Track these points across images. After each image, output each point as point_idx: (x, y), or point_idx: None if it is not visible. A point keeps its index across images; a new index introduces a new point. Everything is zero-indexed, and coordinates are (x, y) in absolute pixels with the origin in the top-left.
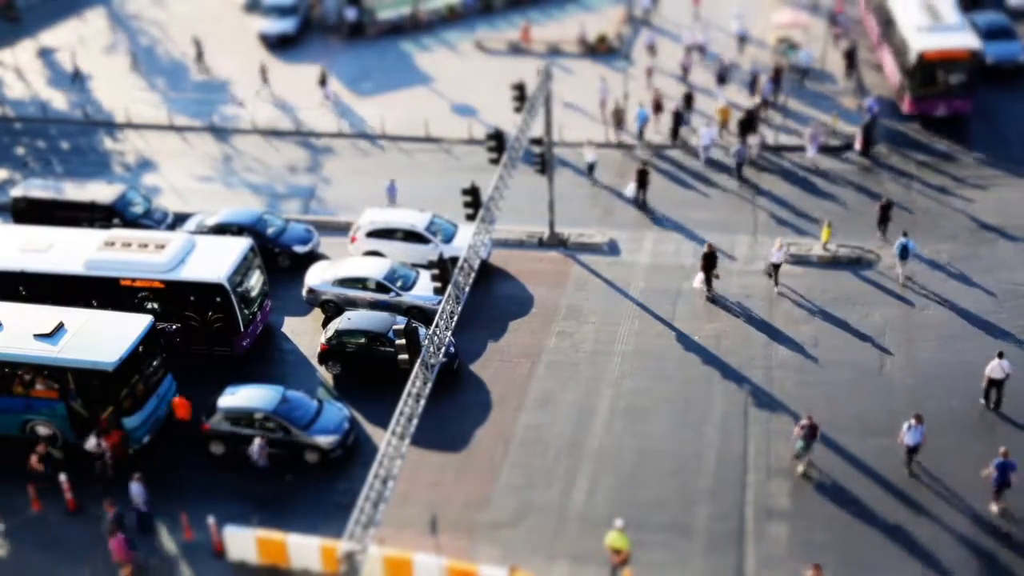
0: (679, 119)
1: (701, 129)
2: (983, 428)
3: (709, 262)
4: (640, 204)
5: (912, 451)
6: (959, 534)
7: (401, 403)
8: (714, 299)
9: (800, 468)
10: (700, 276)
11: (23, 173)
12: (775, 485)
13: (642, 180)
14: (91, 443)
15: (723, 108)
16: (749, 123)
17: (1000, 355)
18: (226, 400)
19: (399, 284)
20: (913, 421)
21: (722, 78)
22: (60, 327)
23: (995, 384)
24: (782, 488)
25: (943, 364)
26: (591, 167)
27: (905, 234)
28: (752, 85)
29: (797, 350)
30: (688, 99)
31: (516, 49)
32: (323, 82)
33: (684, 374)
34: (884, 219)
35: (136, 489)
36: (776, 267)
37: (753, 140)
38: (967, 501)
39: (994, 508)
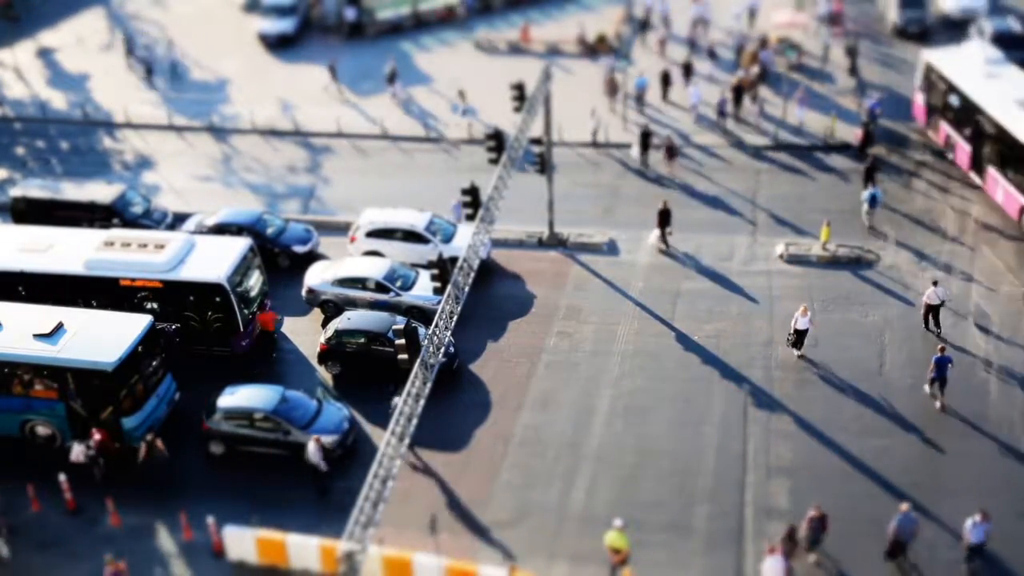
0: (667, 79)
1: (690, 88)
2: (982, 428)
3: (664, 219)
4: (644, 164)
5: (976, 550)
6: (958, 535)
7: (401, 403)
8: (668, 252)
9: (812, 558)
10: (656, 232)
11: (23, 173)
12: (775, 485)
13: (645, 143)
14: (76, 451)
15: (740, 78)
16: (741, 90)
17: (935, 283)
18: (226, 400)
19: (399, 284)
20: (978, 518)
21: (712, 54)
22: (60, 327)
23: (932, 309)
24: (781, 488)
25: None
26: (594, 134)
27: (873, 183)
28: (738, 53)
29: (797, 350)
30: (687, 67)
31: (516, 49)
32: (392, 79)
33: (684, 374)
34: (869, 179)
35: (313, 449)
36: (801, 334)
37: (754, 107)
38: (968, 501)
39: (926, 389)
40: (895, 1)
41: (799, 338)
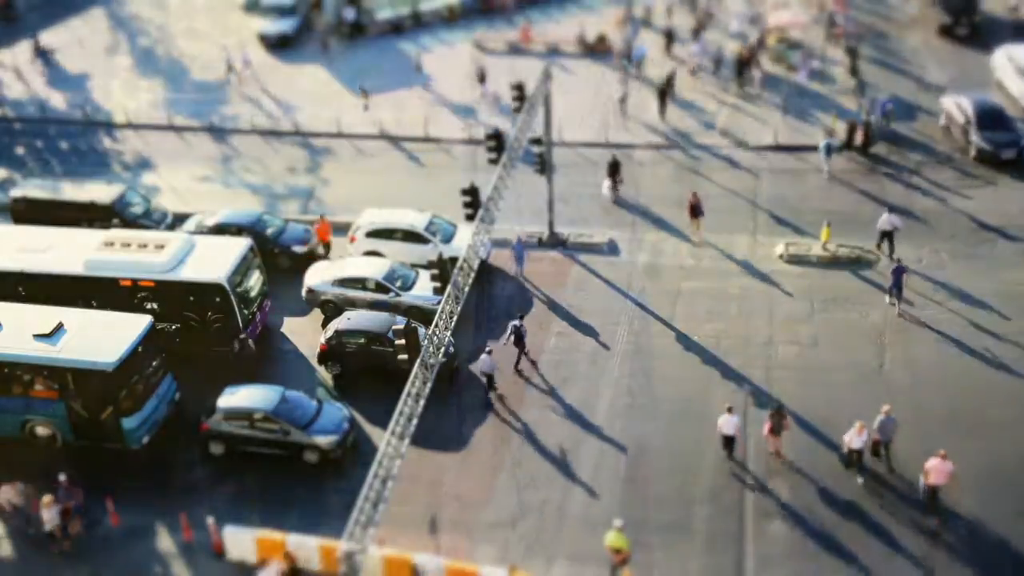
0: (671, 37)
1: (692, 46)
2: (982, 428)
3: (614, 169)
4: (662, 116)
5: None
6: (958, 533)
7: (401, 403)
8: (618, 202)
9: None
10: (607, 183)
11: (23, 173)
12: (775, 485)
13: (662, 97)
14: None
15: (741, 50)
16: (743, 62)
17: (890, 209)
18: (226, 400)
19: (398, 284)
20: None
21: (703, 26)
22: (60, 327)
23: (887, 235)
24: (781, 488)
25: (943, 364)
26: (622, 100)
27: (829, 135)
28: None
29: (797, 350)
30: (696, 31)
31: (516, 49)
32: (482, 80)
33: (684, 374)
34: (852, 136)
35: (486, 359)
36: (858, 454)
37: (756, 73)
38: (967, 501)
39: (887, 300)
40: (973, 121)
41: (851, 458)
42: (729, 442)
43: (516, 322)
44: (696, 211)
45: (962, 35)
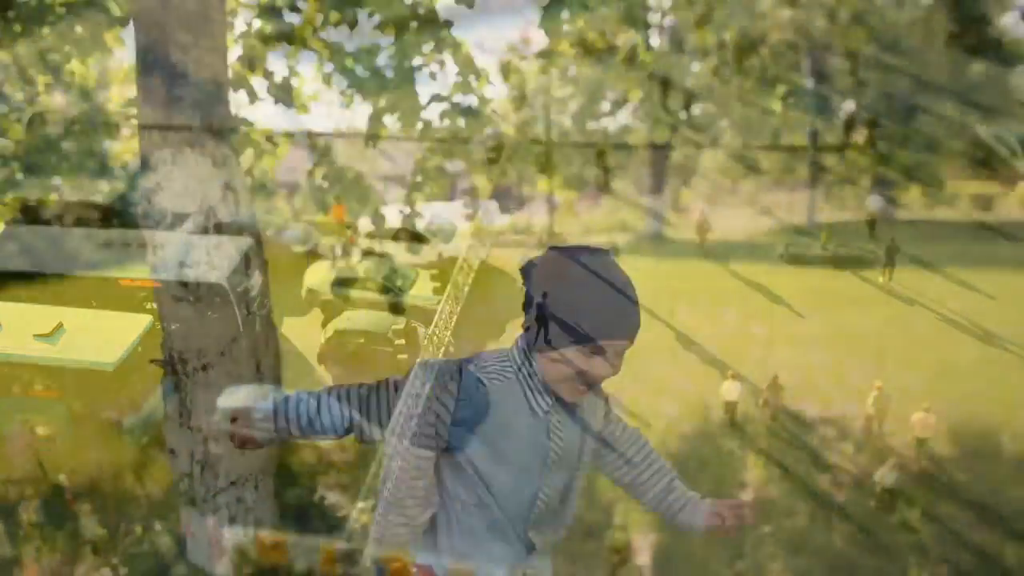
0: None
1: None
2: (982, 428)
3: (601, 158)
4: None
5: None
6: (959, 533)
7: (400, 403)
8: (603, 190)
9: None
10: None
11: (23, 173)
12: (774, 485)
13: (665, 87)
14: None
15: (739, 39)
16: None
17: (878, 193)
18: (225, 400)
19: (398, 284)
20: None
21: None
22: (60, 327)
23: (872, 217)
24: (781, 488)
25: (942, 364)
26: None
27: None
28: None
29: (797, 350)
30: (698, 24)
31: (515, 49)
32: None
33: (684, 374)
34: (849, 123)
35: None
36: (892, 493)
37: (754, 63)
38: (966, 502)
39: (880, 280)
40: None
41: (885, 498)
42: (731, 407)
43: (539, 300)
44: (703, 228)
45: (971, 45)
